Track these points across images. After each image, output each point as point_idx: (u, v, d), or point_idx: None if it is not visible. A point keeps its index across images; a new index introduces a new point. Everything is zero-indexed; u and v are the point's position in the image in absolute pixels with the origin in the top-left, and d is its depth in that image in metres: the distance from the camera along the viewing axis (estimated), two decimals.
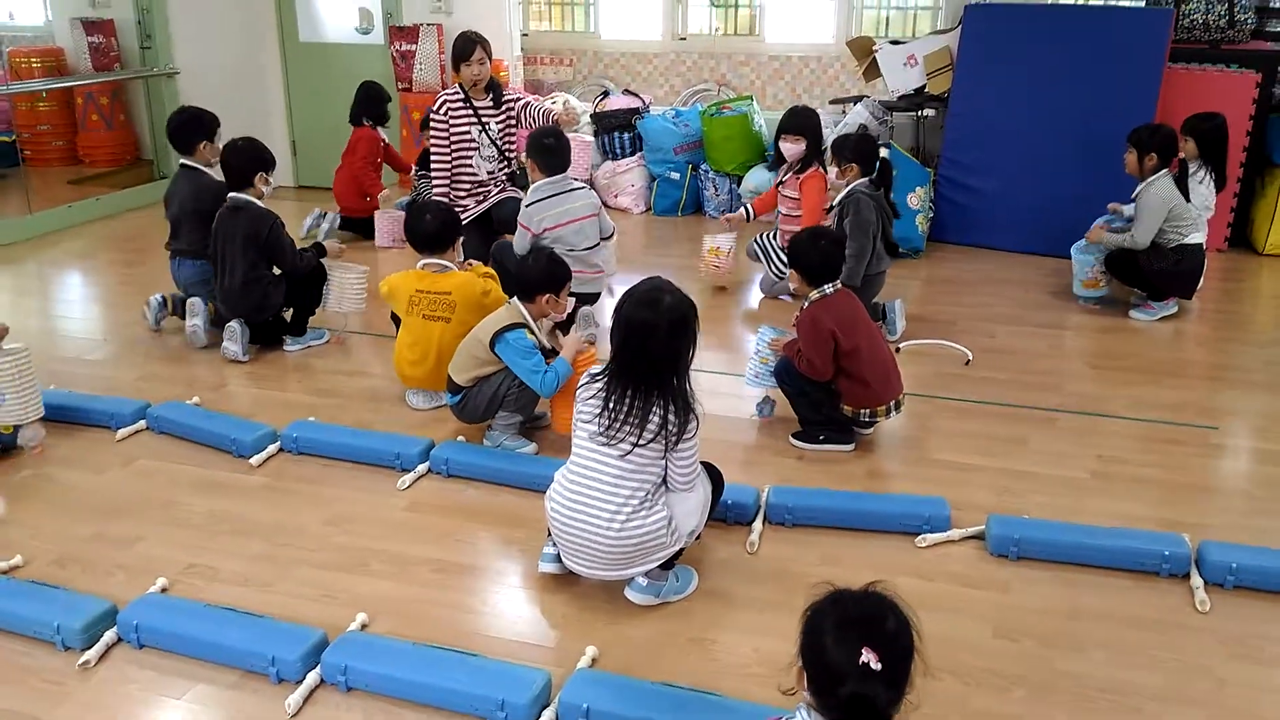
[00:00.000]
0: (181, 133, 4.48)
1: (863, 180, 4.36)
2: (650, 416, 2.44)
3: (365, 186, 6.12)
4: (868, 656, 1.51)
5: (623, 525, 2.47)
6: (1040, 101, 5.70)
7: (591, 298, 4.44)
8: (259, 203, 4.22)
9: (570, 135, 5.89)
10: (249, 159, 4.22)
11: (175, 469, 3.35)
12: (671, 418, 2.44)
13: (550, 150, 4.34)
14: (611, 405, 2.46)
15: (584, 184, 4.53)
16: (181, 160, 4.51)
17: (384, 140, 6.21)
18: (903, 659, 1.56)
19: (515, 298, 3.44)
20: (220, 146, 4.40)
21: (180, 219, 4.44)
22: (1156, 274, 4.65)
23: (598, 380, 2.53)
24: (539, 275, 3.41)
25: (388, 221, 5.96)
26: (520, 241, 4.32)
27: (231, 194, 4.21)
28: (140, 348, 4.43)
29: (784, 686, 1.74)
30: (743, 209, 5.25)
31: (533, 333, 3.35)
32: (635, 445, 2.44)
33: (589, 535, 2.50)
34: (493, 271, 3.97)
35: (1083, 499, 3.13)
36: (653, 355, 2.46)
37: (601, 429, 2.47)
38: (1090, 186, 5.32)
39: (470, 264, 3.92)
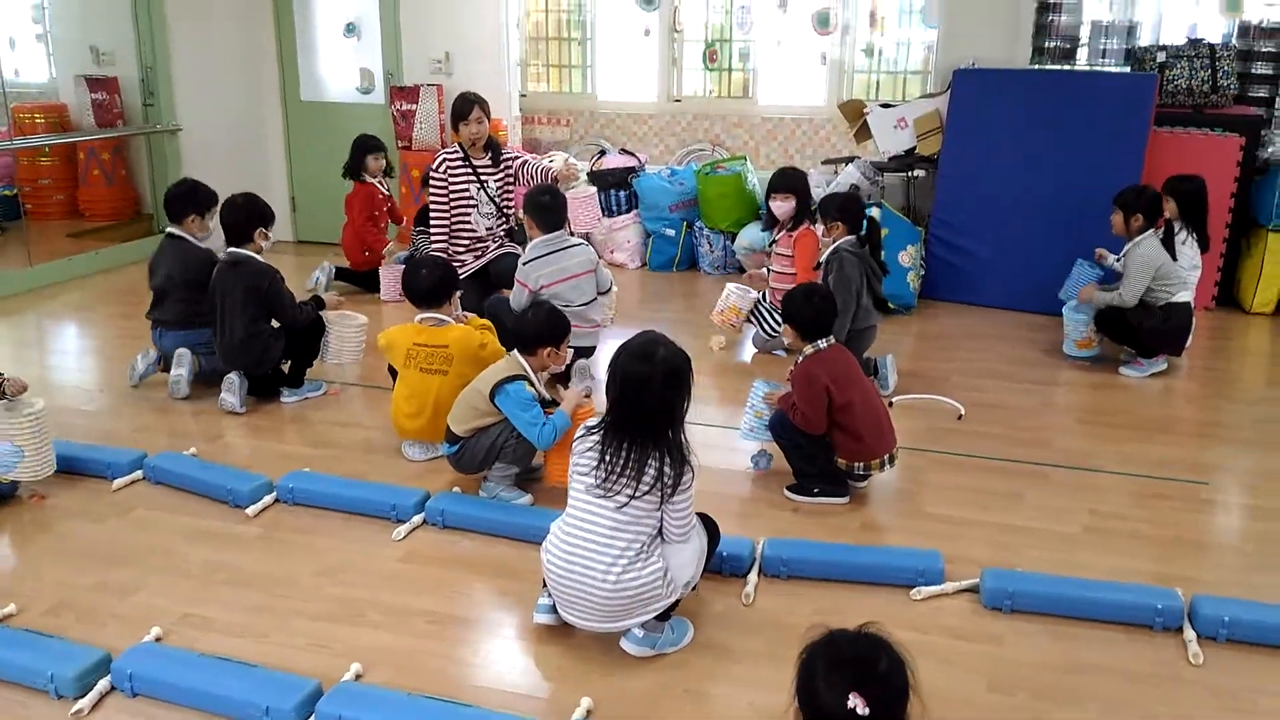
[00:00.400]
0: (175, 203, 4.52)
1: (849, 239, 4.43)
2: (646, 468, 2.46)
3: (368, 242, 6.19)
4: (855, 702, 1.51)
5: (619, 577, 2.48)
6: (1028, 163, 5.81)
7: (588, 351, 4.48)
8: (258, 257, 4.27)
9: (574, 190, 6.00)
10: (248, 214, 4.28)
11: (172, 519, 3.36)
12: (667, 469, 2.47)
13: (546, 208, 4.41)
14: (608, 458, 2.48)
15: (581, 240, 4.60)
16: (169, 228, 4.54)
17: (383, 193, 6.28)
18: (895, 700, 1.57)
19: (515, 350, 3.47)
20: (209, 224, 4.48)
21: (166, 289, 4.47)
22: (1147, 332, 4.71)
23: (594, 433, 2.55)
24: (540, 328, 3.45)
25: (393, 275, 6.03)
26: (518, 298, 4.37)
27: (230, 249, 4.27)
28: (136, 399, 4.44)
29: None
30: (765, 269, 5.28)
31: (532, 385, 3.39)
32: (631, 498, 2.46)
33: (585, 587, 2.51)
34: (489, 324, 4.02)
35: (1076, 553, 3.15)
36: (647, 407, 2.50)
37: (598, 481, 2.49)
38: (1077, 246, 5.39)
39: (467, 317, 3.96)
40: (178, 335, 4.45)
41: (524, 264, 4.37)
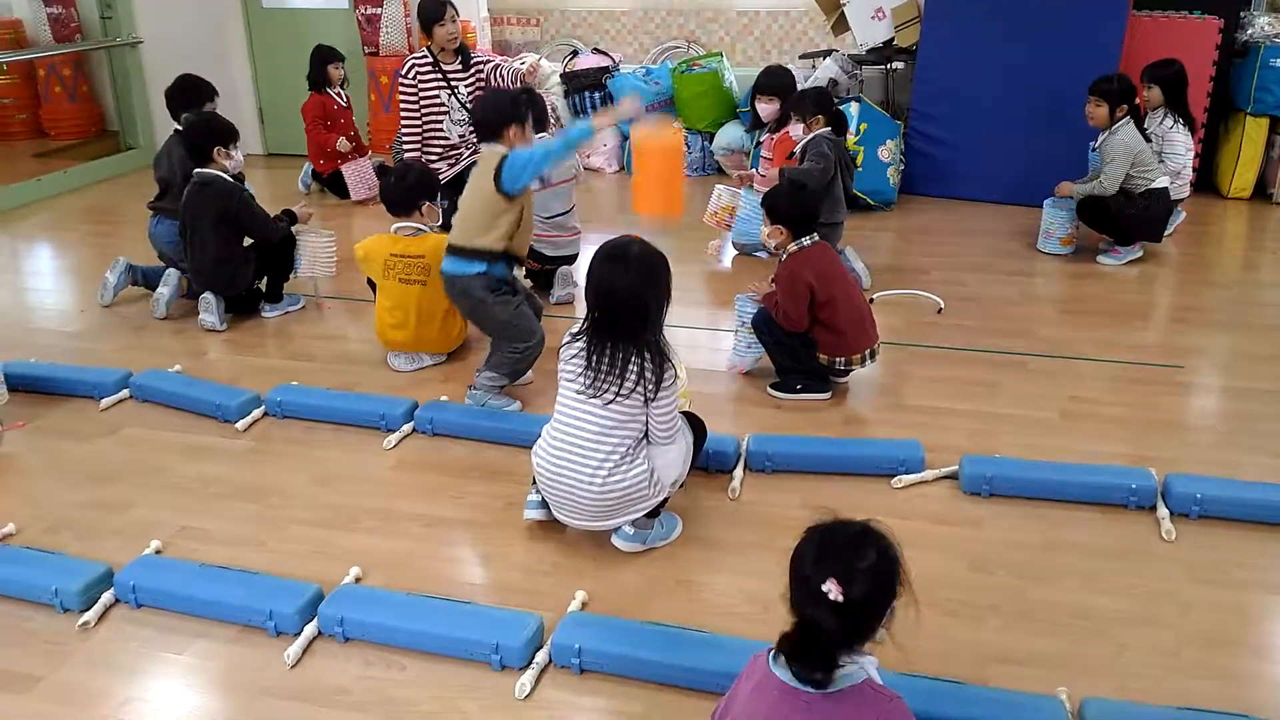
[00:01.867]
0: (170, 101, 4.55)
1: (826, 129, 4.43)
2: (629, 368, 2.49)
3: (321, 144, 6.16)
4: (829, 587, 1.54)
5: (605, 479, 2.52)
6: (1007, 53, 5.74)
7: (570, 259, 4.47)
8: (226, 177, 4.19)
9: (351, 164, 6.01)
10: (202, 134, 4.18)
11: (162, 436, 3.38)
12: (648, 369, 2.49)
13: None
14: (593, 360, 2.51)
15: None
16: (175, 125, 4.51)
17: (339, 103, 6.21)
18: (873, 596, 1.57)
19: (485, 144, 3.50)
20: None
21: (169, 180, 4.46)
22: (1128, 219, 4.73)
23: (578, 338, 2.57)
24: (502, 111, 3.45)
25: (356, 173, 6.04)
26: None
27: (197, 170, 4.18)
28: (117, 319, 4.43)
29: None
30: (754, 170, 5.23)
31: None
32: (617, 395, 2.49)
33: (573, 488, 2.56)
34: None
35: (1053, 438, 3.22)
36: (622, 307, 2.51)
37: (586, 384, 2.52)
38: (1057, 136, 5.38)
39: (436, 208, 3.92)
40: (173, 225, 4.37)
41: None
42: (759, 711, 1.64)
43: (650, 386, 2.50)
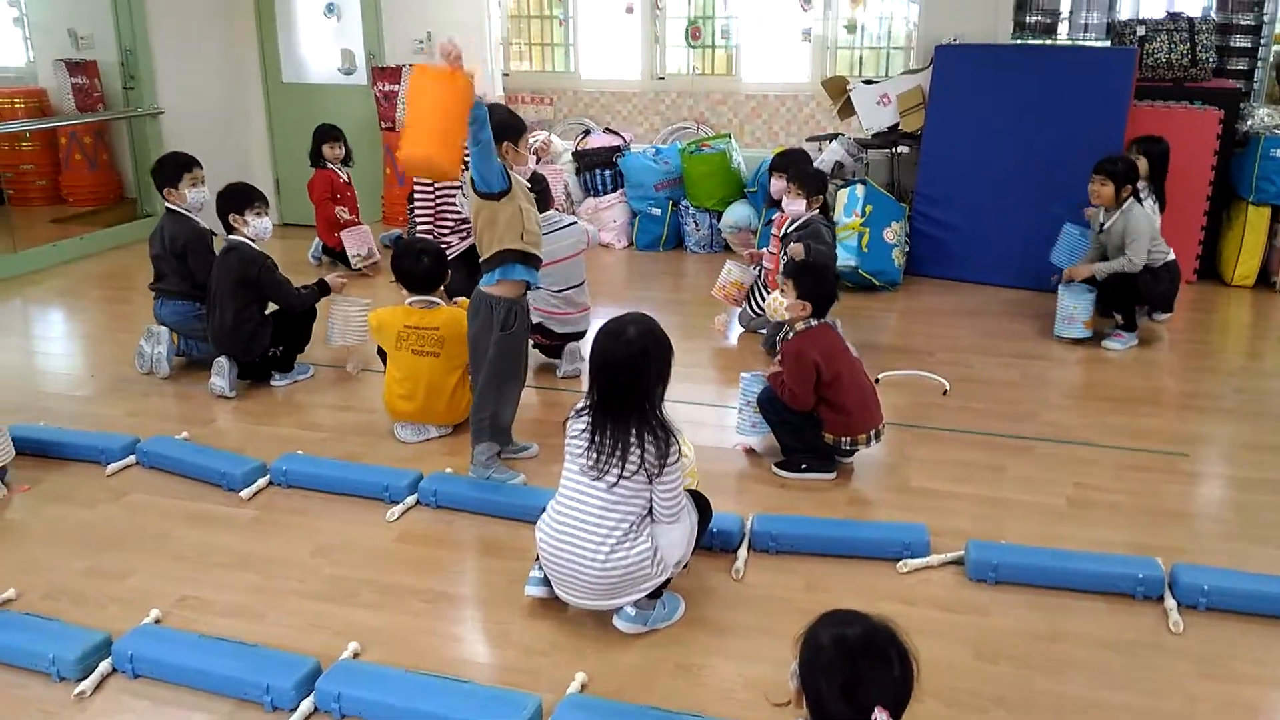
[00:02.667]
0: (154, 179, 4.56)
1: (817, 212, 4.60)
2: (630, 446, 2.49)
3: (329, 218, 6.29)
4: (880, 715, 1.54)
5: (608, 556, 2.52)
6: (1011, 138, 5.85)
7: (578, 335, 4.50)
8: (251, 244, 4.27)
9: (547, 167, 6.02)
10: (221, 203, 4.30)
11: (166, 503, 3.38)
12: (650, 448, 2.50)
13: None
14: (596, 439, 2.52)
15: (574, 219, 4.60)
16: (166, 204, 4.54)
17: (341, 178, 6.36)
18: (906, 701, 1.62)
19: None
20: (185, 192, 4.45)
21: (158, 259, 4.51)
22: (1158, 296, 4.81)
23: (583, 414, 2.58)
24: (497, 122, 3.32)
25: (353, 236, 6.17)
26: None
27: (228, 236, 4.30)
28: (127, 384, 4.45)
29: (776, 700, 1.78)
30: (764, 249, 5.28)
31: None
32: (620, 476, 2.49)
33: (576, 566, 2.55)
34: None
35: (1059, 525, 3.21)
36: (621, 386, 2.52)
37: (589, 463, 2.52)
38: (1061, 222, 5.44)
39: (457, 302, 3.98)
40: (175, 305, 4.46)
41: None
42: None
43: (654, 464, 2.51)
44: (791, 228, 4.60)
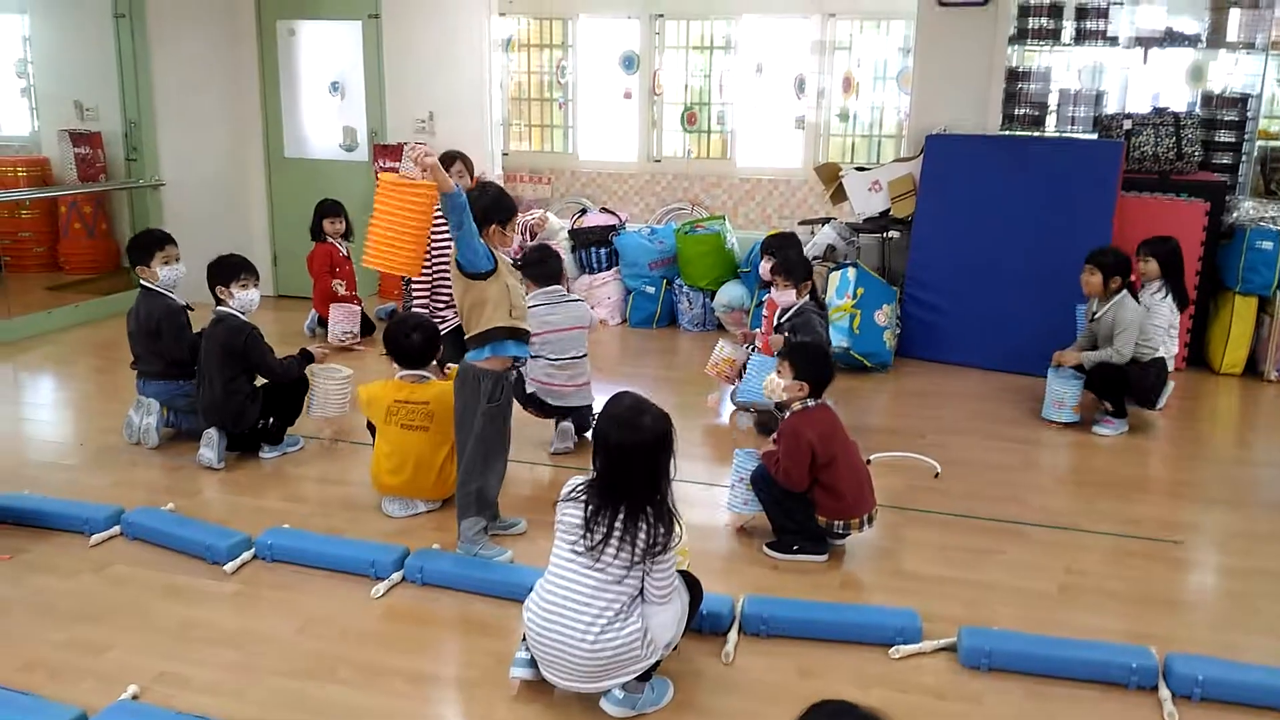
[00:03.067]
0: (128, 255, 4.57)
1: (807, 299, 4.62)
2: (638, 535, 2.48)
3: (326, 292, 6.35)
4: None
5: (597, 638, 2.48)
6: (1000, 226, 5.94)
7: (568, 411, 4.50)
8: (238, 315, 4.29)
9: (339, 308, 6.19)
10: (210, 274, 4.32)
11: (149, 575, 3.33)
12: (659, 534, 2.49)
13: (535, 263, 4.50)
14: (594, 523, 2.50)
15: (578, 298, 4.66)
16: (141, 281, 4.53)
17: (341, 252, 6.44)
18: None
19: None
20: (158, 270, 4.46)
21: (134, 336, 4.50)
22: (1144, 389, 4.82)
23: (580, 494, 2.57)
24: (487, 204, 3.38)
25: (340, 314, 6.21)
26: None
27: (216, 308, 4.31)
28: (115, 453, 4.42)
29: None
30: (757, 330, 5.32)
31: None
32: (616, 558, 2.46)
33: (564, 646, 2.51)
34: None
35: (1052, 611, 3.18)
36: (636, 474, 2.52)
37: (587, 546, 2.50)
38: (1049, 307, 5.51)
39: (448, 371, 3.98)
40: (158, 386, 4.46)
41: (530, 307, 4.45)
42: None
43: (656, 550, 2.49)
44: (784, 318, 4.62)
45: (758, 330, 5.16)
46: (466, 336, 3.43)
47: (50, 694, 2.61)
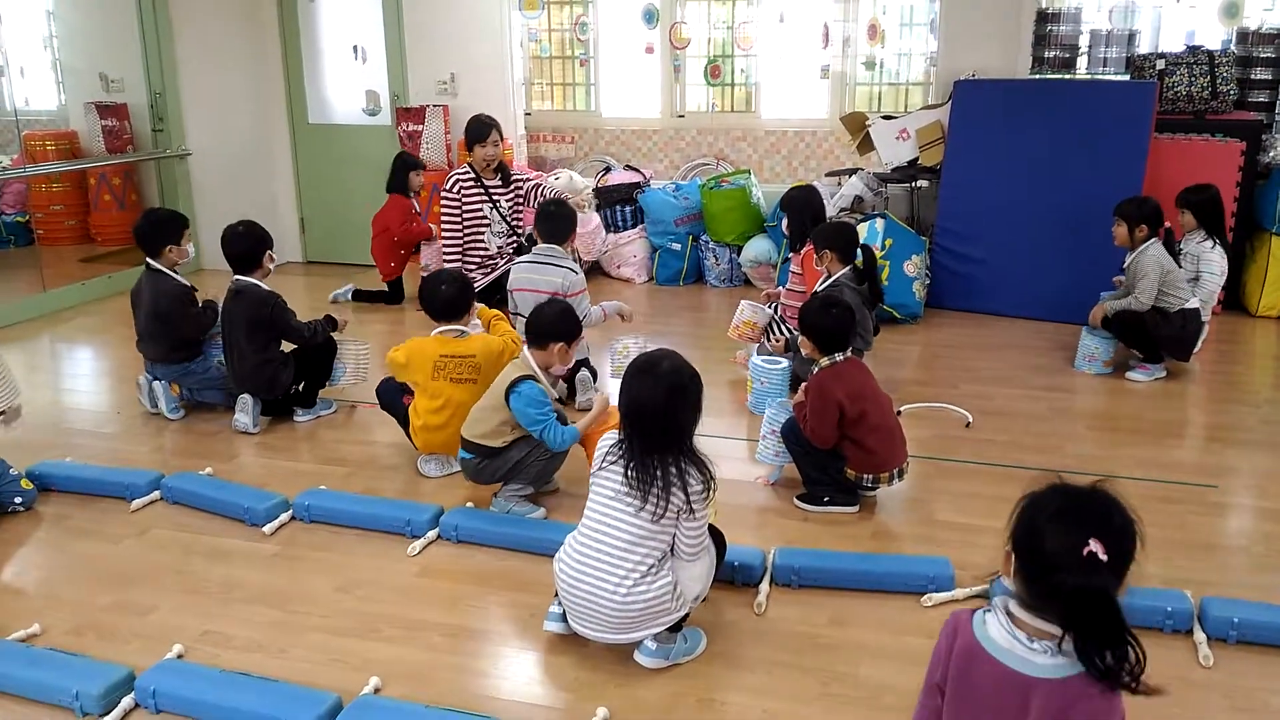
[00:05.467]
0: (149, 237, 4.44)
1: (846, 271, 4.36)
2: (673, 484, 2.49)
3: (413, 235, 6.29)
4: (1095, 547, 1.50)
5: (629, 591, 2.51)
6: (1030, 172, 5.85)
7: (580, 364, 4.50)
8: (260, 285, 4.32)
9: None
10: (254, 240, 4.33)
11: (189, 538, 3.40)
12: (690, 483, 2.50)
13: (549, 217, 4.49)
14: (630, 473, 2.51)
15: (569, 268, 4.51)
16: (148, 261, 4.49)
17: (415, 208, 6.40)
18: (1127, 556, 1.55)
19: (526, 347, 3.52)
20: (188, 248, 4.50)
21: (145, 324, 4.46)
22: (1165, 339, 4.76)
23: (616, 450, 2.58)
24: (553, 324, 3.47)
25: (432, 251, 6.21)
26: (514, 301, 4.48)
27: (236, 278, 4.33)
28: (152, 421, 4.50)
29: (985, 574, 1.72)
30: (781, 288, 5.27)
31: (541, 383, 3.43)
32: (659, 509, 2.48)
33: (595, 599, 2.54)
34: (498, 313, 4.08)
35: None
36: (657, 421, 2.52)
37: (631, 499, 2.50)
38: (1080, 253, 5.43)
39: (477, 312, 3.97)
40: (165, 368, 4.48)
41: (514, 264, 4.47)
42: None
43: (698, 495, 2.50)
44: (821, 287, 4.50)
45: (781, 289, 5.11)
46: (468, 435, 3.49)
47: (100, 655, 2.68)
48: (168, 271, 4.47)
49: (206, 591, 3.06)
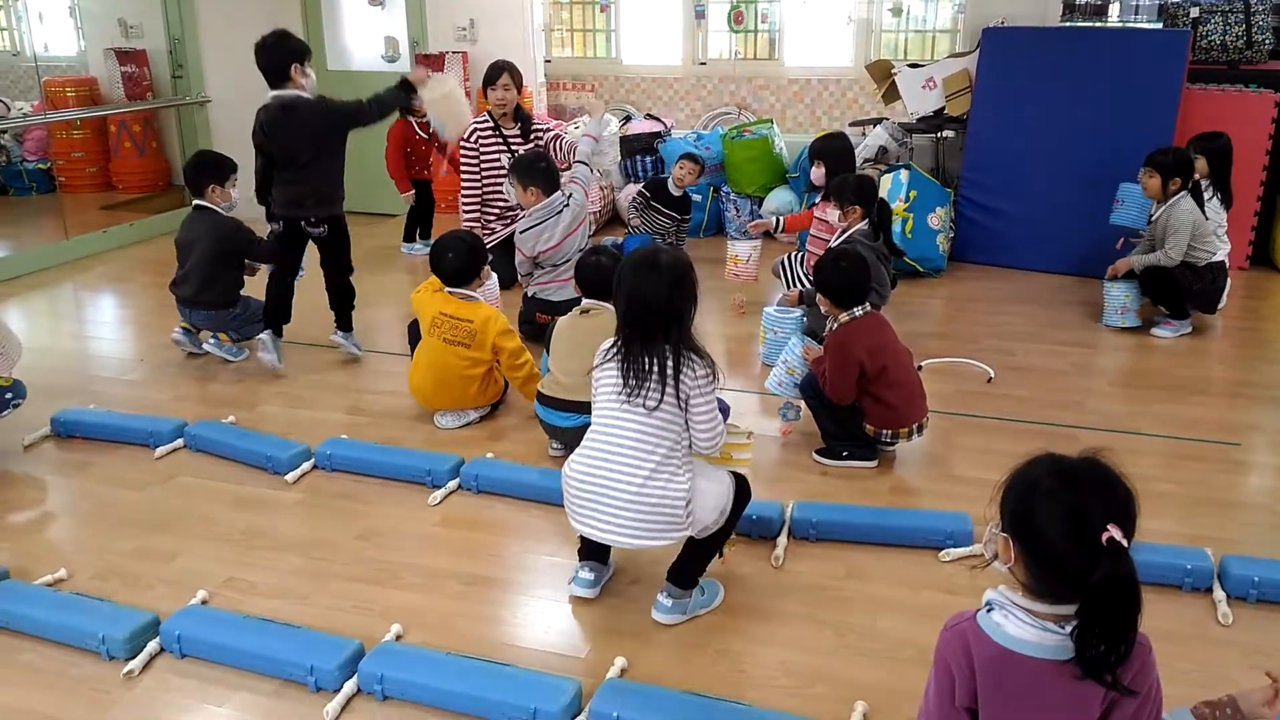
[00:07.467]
0: (194, 175, 4.55)
1: (863, 225, 4.30)
2: (667, 369, 2.48)
3: (420, 157, 6.28)
4: (1114, 532, 1.44)
5: (645, 480, 2.46)
6: (1059, 122, 5.75)
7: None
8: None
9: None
10: (283, 53, 4.52)
11: (213, 486, 3.44)
12: (688, 369, 2.48)
13: (541, 173, 4.45)
14: (628, 368, 2.50)
15: (566, 195, 4.55)
16: (195, 201, 4.54)
17: (420, 134, 6.31)
18: (1133, 524, 1.50)
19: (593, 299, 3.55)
20: (232, 192, 4.52)
21: (198, 263, 4.42)
22: (1196, 293, 4.70)
23: (612, 349, 2.57)
24: (605, 278, 3.34)
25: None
26: (519, 264, 4.45)
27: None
28: (175, 369, 4.53)
29: (980, 560, 1.68)
30: (773, 219, 5.28)
31: None
32: (660, 399, 2.47)
33: (609, 492, 2.50)
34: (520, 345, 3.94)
35: None
36: (656, 312, 2.50)
37: (628, 393, 2.49)
38: (1107, 207, 5.35)
39: (487, 270, 3.98)
40: (208, 315, 4.49)
41: (521, 232, 4.43)
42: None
43: (703, 379, 2.49)
44: (835, 241, 4.46)
45: (764, 219, 5.20)
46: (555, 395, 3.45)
47: (125, 600, 2.73)
48: (216, 209, 4.49)
49: (230, 539, 3.10)
